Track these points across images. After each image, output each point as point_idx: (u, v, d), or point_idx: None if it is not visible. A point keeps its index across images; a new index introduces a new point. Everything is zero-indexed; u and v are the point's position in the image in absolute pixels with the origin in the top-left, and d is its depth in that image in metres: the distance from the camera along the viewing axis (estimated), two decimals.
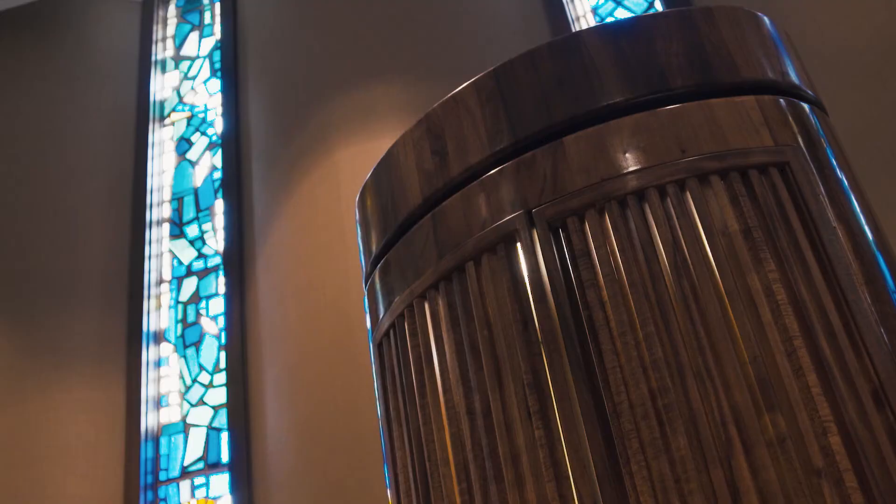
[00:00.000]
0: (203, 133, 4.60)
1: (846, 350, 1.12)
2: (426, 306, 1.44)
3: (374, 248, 1.65)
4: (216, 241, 4.07)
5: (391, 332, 1.52)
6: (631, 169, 1.29)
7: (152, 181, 4.50)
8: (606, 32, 1.42)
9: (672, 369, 1.14)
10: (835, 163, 1.34)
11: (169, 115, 4.81)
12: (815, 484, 1.03)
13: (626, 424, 1.13)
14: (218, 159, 4.43)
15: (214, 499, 3.41)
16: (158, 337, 3.88)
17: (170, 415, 3.68)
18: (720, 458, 1.07)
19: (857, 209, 1.29)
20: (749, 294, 1.16)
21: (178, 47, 5.22)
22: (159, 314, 3.97)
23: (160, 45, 5.11)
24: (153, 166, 4.54)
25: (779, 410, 1.08)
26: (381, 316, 1.57)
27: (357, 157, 3.64)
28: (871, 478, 1.03)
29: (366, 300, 1.67)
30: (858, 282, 1.18)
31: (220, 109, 4.58)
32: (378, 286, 1.60)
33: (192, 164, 4.55)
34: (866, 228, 1.28)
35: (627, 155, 1.30)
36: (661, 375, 1.14)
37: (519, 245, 1.33)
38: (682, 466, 1.08)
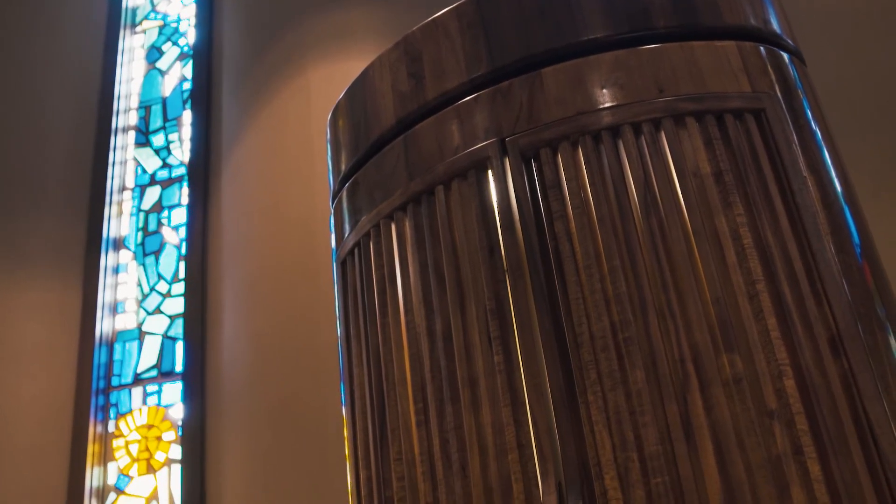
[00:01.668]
0: (175, 43, 4.51)
1: (807, 297, 1.13)
2: (393, 227, 1.43)
3: (343, 167, 1.64)
4: (182, 152, 4.02)
5: (356, 250, 1.51)
6: (607, 105, 1.29)
7: (120, 88, 4.41)
8: None
9: (635, 304, 1.15)
10: (810, 114, 1.34)
11: (141, 23, 4.71)
12: (766, 424, 1.05)
13: (585, 355, 1.14)
14: (188, 70, 4.36)
15: (166, 407, 3.42)
16: (118, 244, 3.85)
17: (125, 321, 3.66)
18: (676, 394, 1.09)
19: (829, 161, 1.30)
20: (716, 235, 1.17)
21: None
22: (120, 221, 3.92)
23: None
24: (122, 73, 4.45)
25: (737, 351, 1.09)
26: (346, 234, 1.57)
27: (330, 78, 3.60)
28: (821, 422, 1.05)
29: (332, 218, 1.66)
30: (824, 231, 1.19)
31: (193, 20, 4.49)
32: (345, 205, 1.59)
33: (162, 73, 4.47)
34: (836, 180, 1.28)
35: (605, 90, 1.30)
36: (623, 309, 1.15)
37: (490, 172, 1.32)
38: (639, 399, 1.10)
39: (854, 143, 2.53)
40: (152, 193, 3.95)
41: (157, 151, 4.10)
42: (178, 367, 3.43)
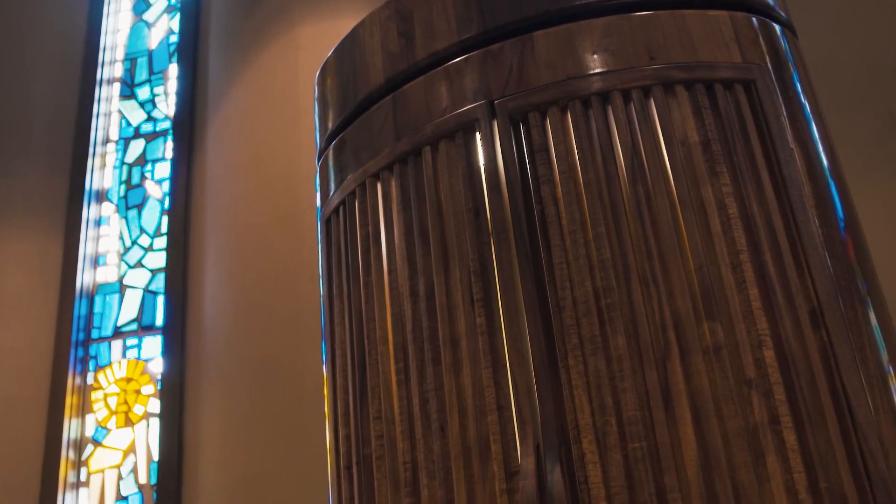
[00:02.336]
0: None
1: (790, 268, 1.13)
2: (378, 186, 1.43)
3: (330, 125, 1.63)
4: (167, 106, 3.98)
5: (341, 208, 1.51)
6: (598, 70, 1.28)
7: (106, 39, 4.36)
8: None
9: (618, 271, 1.15)
10: (799, 87, 1.34)
11: None
12: (745, 393, 1.06)
13: (567, 319, 1.15)
14: (175, 23, 4.31)
15: (146, 361, 3.41)
16: (101, 196, 3.82)
17: (106, 274, 3.65)
18: (656, 361, 1.09)
19: (816, 135, 1.30)
20: (701, 205, 1.17)
21: None
22: (103, 173, 3.89)
23: None
24: (108, 24, 4.40)
25: (718, 320, 1.10)
26: (331, 193, 1.56)
27: (320, 35, 3.57)
28: (799, 393, 1.06)
29: (317, 176, 1.65)
30: (809, 204, 1.20)
31: None
32: (331, 163, 1.58)
33: (149, 25, 4.41)
34: (822, 154, 1.28)
35: (596, 56, 1.29)
36: (606, 275, 1.15)
37: (478, 134, 1.32)
38: (619, 365, 1.10)
39: (842, 117, 2.53)
40: (136, 146, 3.92)
41: (142, 104, 4.06)
42: (159, 322, 3.43)
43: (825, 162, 1.28)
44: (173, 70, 4.11)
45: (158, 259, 3.57)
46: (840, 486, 1.02)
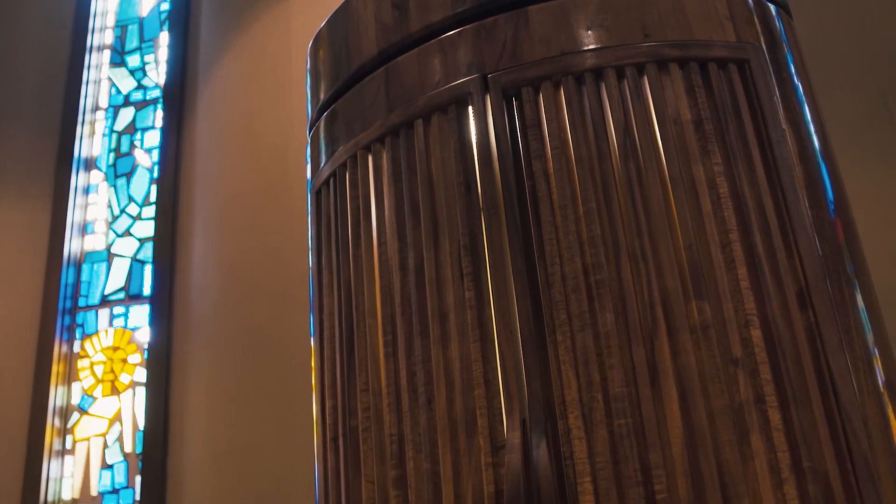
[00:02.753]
0: None
1: (779, 249, 1.14)
2: (370, 159, 1.42)
3: (322, 96, 1.62)
4: (157, 74, 3.96)
5: (331, 180, 1.50)
6: (592, 46, 1.28)
7: (96, 5, 4.33)
8: None
9: (608, 247, 1.15)
10: (793, 68, 1.34)
11: None
12: (731, 372, 1.06)
13: (556, 295, 1.15)
14: None
15: (133, 330, 3.41)
16: (89, 164, 3.80)
17: (94, 242, 3.63)
18: (644, 338, 1.10)
19: (808, 116, 1.30)
20: (692, 183, 1.17)
21: None
22: (92, 141, 3.87)
23: None
24: None
25: (706, 299, 1.10)
26: (322, 164, 1.56)
27: (312, 6, 3.54)
28: (784, 373, 1.06)
29: (308, 148, 1.65)
30: (799, 185, 1.20)
31: None
32: (322, 134, 1.58)
33: None
34: (814, 135, 1.29)
35: (590, 32, 1.29)
36: (596, 252, 1.15)
37: (471, 108, 1.31)
38: (606, 341, 1.10)
39: (834, 99, 2.53)
40: (126, 114, 3.90)
41: (132, 72, 4.03)
42: (146, 291, 3.42)
43: (817, 143, 1.28)
44: (164, 38, 4.08)
45: (147, 228, 3.56)
46: (823, 465, 1.03)
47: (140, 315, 3.41)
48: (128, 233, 3.61)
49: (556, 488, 1.07)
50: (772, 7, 1.39)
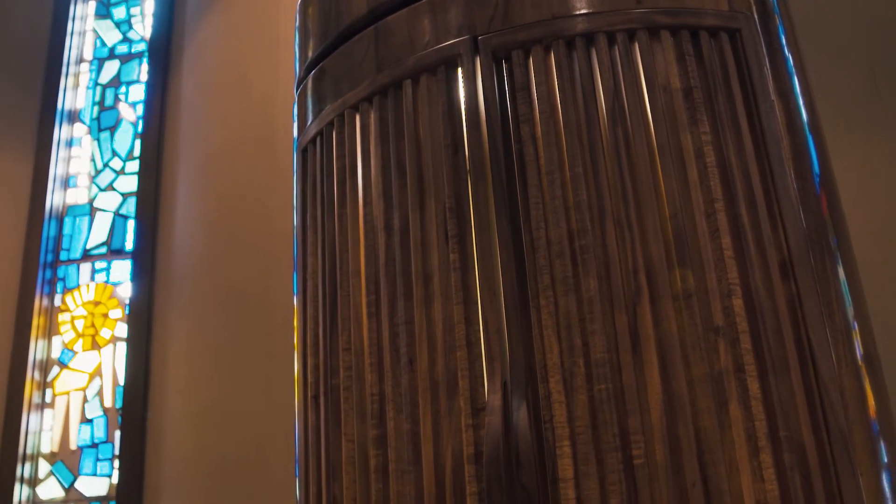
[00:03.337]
0: None
1: (763, 220, 1.14)
2: (357, 118, 1.42)
3: (310, 54, 1.61)
4: (143, 27, 3.91)
5: (318, 139, 1.49)
6: (584, 11, 1.27)
7: None
8: None
9: (594, 213, 1.15)
10: (784, 39, 1.33)
11: None
12: (712, 341, 1.07)
13: (540, 260, 1.15)
14: None
15: (114, 284, 3.39)
16: (73, 116, 3.76)
17: (77, 196, 3.60)
18: (626, 305, 1.10)
19: (798, 88, 1.30)
20: (680, 152, 1.17)
21: None
22: (76, 94, 3.83)
23: None
24: None
25: (690, 267, 1.10)
26: (308, 122, 1.55)
27: None
28: (765, 343, 1.07)
29: (295, 105, 1.64)
30: (786, 157, 1.20)
31: None
32: (310, 92, 1.57)
33: None
34: (803, 108, 1.29)
35: None
36: (581, 217, 1.15)
37: (460, 70, 1.31)
38: (589, 307, 1.11)
39: (823, 72, 2.53)
40: (111, 67, 3.85)
41: (117, 24, 3.98)
42: (129, 246, 3.40)
43: (805, 116, 1.28)
44: None
45: (130, 183, 3.53)
46: (799, 435, 1.04)
47: (122, 270, 3.40)
48: (111, 187, 3.58)
49: (535, 451, 1.08)
50: None
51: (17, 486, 3.09)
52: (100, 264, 3.44)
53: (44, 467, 3.14)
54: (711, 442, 1.03)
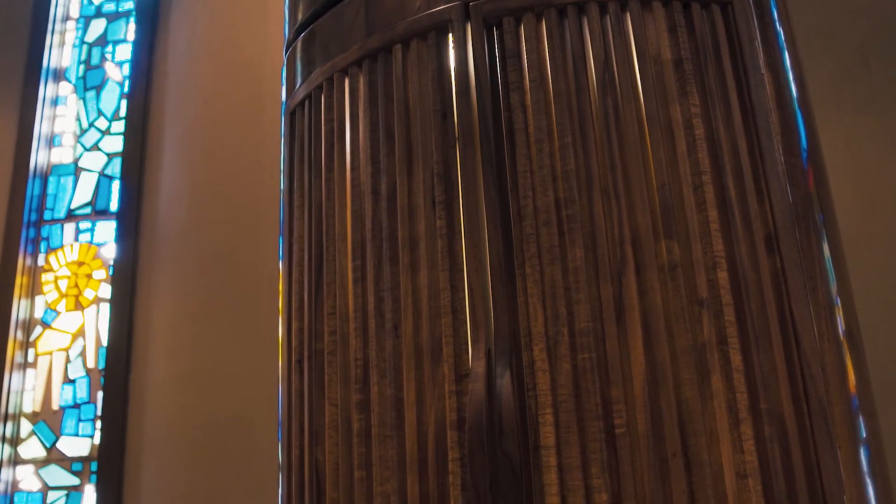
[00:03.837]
0: None
1: (750, 193, 1.14)
2: (346, 82, 1.41)
3: (300, 16, 1.60)
4: None
5: (306, 102, 1.49)
6: None
7: None
8: None
9: (581, 183, 1.15)
10: (776, 13, 1.33)
11: None
12: (696, 312, 1.07)
13: (527, 228, 1.15)
14: None
15: (98, 245, 3.38)
16: (58, 75, 3.73)
17: (61, 155, 3.58)
18: (612, 275, 1.10)
19: (788, 63, 1.30)
20: (669, 123, 1.17)
21: None
22: (62, 52, 3.79)
23: None
24: None
25: (676, 239, 1.11)
26: (297, 85, 1.54)
27: None
28: (748, 315, 1.07)
29: (284, 68, 1.63)
30: (775, 131, 1.20)
31: None
32: (299, 55, 1.56)
33: None
34: (792, 82, 1.28)
35: None
36: (569, 186, 1.15)
37: (451, 36, 1.30)
38: (575, 276, 1.11)
39: (815, 48, 2.53)
40: (97, 26, 3.81)
41: None
42: (113, 207, 3.38)
43: (794, 91, 1.28)
44: None
45: (115, 143, 3.51)
46: (780, 407, 1.05)
47: (106, 231, 3.38)
48: (96, 147, 3.56)
49: (517, 418, 1.08)
50: None
51: None
52: (84, 224, 3.42)
53: (26, 427, 3.14)
54: (693, 413, 1.04)
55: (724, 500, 1.00)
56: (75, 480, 3.05)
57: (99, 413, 3.07)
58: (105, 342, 3.15)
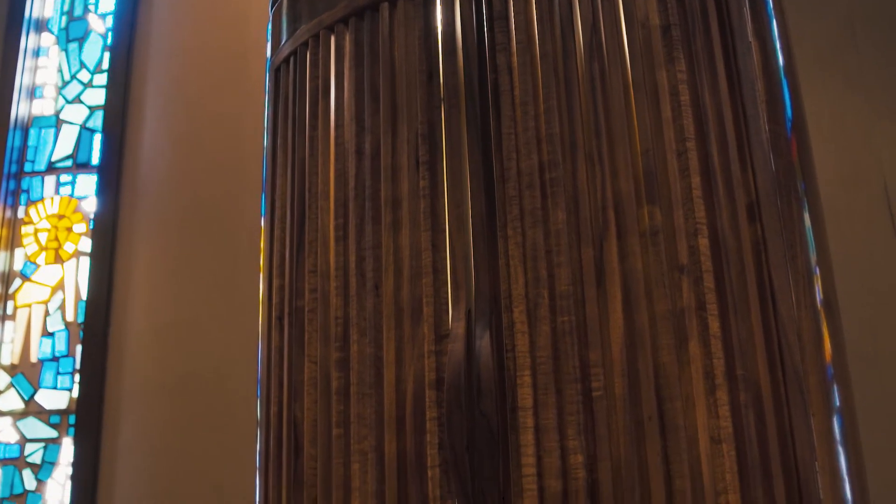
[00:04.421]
0: None
1: (733, 161, 1.14)
2: (332, 39, 1.40)
3: None
4: None
5: (291, 59, 1.47)
6: None
7: None
8: None
9: (565, 146, 1.15)
10: None
11: None
12: (676, 278, 1.08)
13: (510, 190, 1.15)
14: None
15: (79, 199, 3.36)
16: (40, 25, 3.68)
17: (42, 107, 3.54)
18: (594, 239, 1.11)
19: (776, 31, 1.30)
20: (655, 89, 1.17)
21: None
22: (44, 2, 3.74)
23: None
24: None
25: (658, 204, 1.11)
26: (282, 42, 1.53)
27: None
28: (727, 283, 1.08)
29: (269, 24, 1.61)
30: (760, 99, 1.20)
31: None
32: (285, 10, 1.54)
33: None
34: (779, 51, 1.28)
35: None
36: (553, 150, 1.15)
37: None
38: (556, 239, 1.11)
39: (803, 18, 2.53)
40: None
41: None
42: (95, 160, 3.36)
43: (781, 60, 1.28)
44: None
45: (97, 96, 3.47)
46: (755, 374, 1.06)
47: (87, 184, 3.36)
48: (78, 99, 3.52)
49: (496, 379, 1.09)
50: None
51: None
52: (65, 177, 3.40)
53: (3, 379, 3.14)
54: (669, 377, 1.05)
55: (698, 463, 1.01)
56: (53, 433, 3.05)
57: (78, 366, 3.06)
58: (84, 296, 3.14)
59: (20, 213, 3.40)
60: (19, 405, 3.10)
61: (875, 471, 1.23)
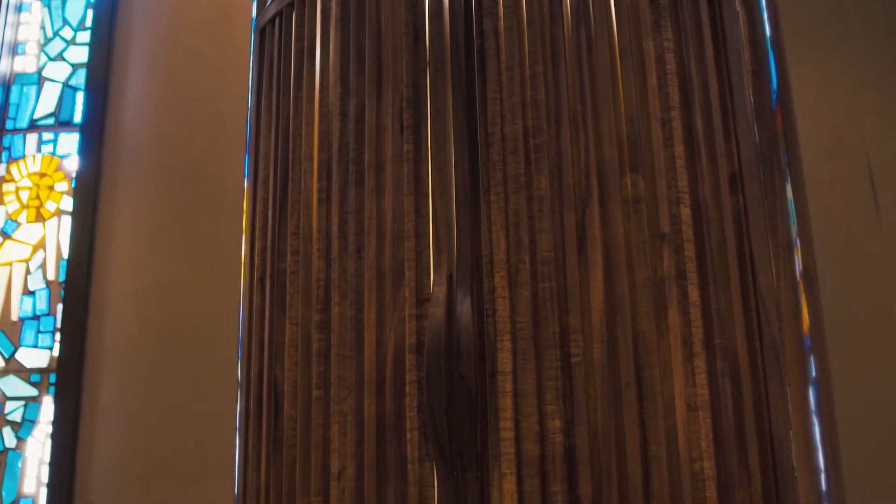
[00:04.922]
0: None
1: (717, 131, 1.15)
2: (318, 0, 1.39)
3: None
4: None
5: (277, 19, 1.46)
6: None
7: None
8: None
9: (550, 112, 1.15)
10: None
11: None
12: (657, 246, 1.08)
13: (494, 155, 1.15)
14: None
15: (61, 157, 3.33)
16: None
17: (25, 64, 3.50)
18: (576, 205, 1.11)
19: (763, 2, 1.29)
20: (641, 57, 1.17)
21: None
22: None
23: None
24: None
25: (641, 172, 1.11)
26: (268, 1, 1.51)
27: None
28: (708, 252, 1.09)
29: None
30: (746, 69, 1.20)
31: None
32: None
33: None
34: (767, 22, 1.28)
35: None
36: (538, 115, 1.15)
37: None
38: (539, 206, 1.11)
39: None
40: None
41: None
42: (77, 118, 3.33)
43: (768, 30, 1.27)
44: None
45: (80, 53, 3.43)
46: (733, 344, 1.07)
47: (69, 142, 3.33)
48: (60, 57, 3.48)
49: (476, 344, 1.09)
50: None
51: None
52: (47, 135, 3.37)
53: None
54: (648, 345, 1.05)
55: (674, 431, 1.02)
56: (33, 391, 3.05)
57: (58, 325, 3.06)
58: (66, 254, 3.13)
59: (1, 170, 3.38)
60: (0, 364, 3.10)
61: (847, 439, 1.25)
